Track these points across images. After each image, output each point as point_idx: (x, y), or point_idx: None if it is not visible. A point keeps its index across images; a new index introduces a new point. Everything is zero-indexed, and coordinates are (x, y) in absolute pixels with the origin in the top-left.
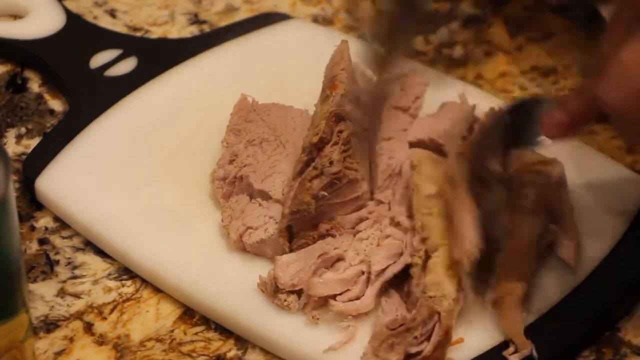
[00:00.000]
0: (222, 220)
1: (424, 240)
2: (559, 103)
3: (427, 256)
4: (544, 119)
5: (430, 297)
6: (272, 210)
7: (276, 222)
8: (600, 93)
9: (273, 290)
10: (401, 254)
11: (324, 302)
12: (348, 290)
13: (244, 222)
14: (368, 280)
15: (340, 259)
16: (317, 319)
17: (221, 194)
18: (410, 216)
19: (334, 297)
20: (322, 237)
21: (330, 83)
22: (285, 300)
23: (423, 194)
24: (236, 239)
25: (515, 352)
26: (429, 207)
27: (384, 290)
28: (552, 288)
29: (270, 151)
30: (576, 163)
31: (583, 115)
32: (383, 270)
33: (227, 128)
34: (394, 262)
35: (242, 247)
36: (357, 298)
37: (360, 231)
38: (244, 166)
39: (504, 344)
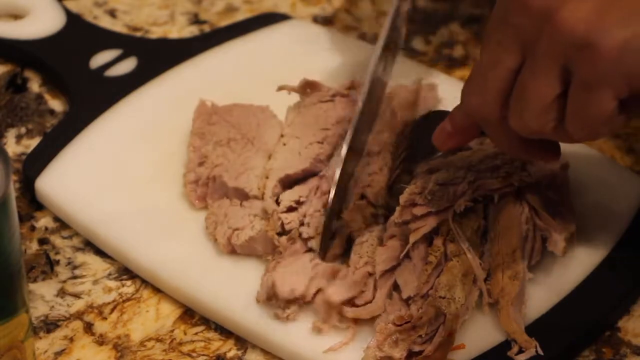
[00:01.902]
0: (207, 228)
1: (446, 242)
2: (449, 115)
3: (446, 257)
4: (436, 130)
5: (441, 297)
6: (254, 208)
7: (261, 219)
8: (464, 99)
9: (274, 303)
10: (405, 255)
11: (339, 310)
12: (362, 292)
13: (230, 225)
14: (375, 282)
15: (336, 270)
16: (322, 329)
17: (195, 196)
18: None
19: (350, 301)
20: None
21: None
22: (285, 313)
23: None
24: (225, 242)
25: (520, 351)
26: (459, 215)
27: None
28: (552, 288)
29: (239, 149)
30: (576, 163)
31: (465, 126)
32: (387, 271)
33: (190, 133)
34: (398, 264)
35: (232, 250)
36: (369, 301)
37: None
38: (215, 166)
39: (504, 345)
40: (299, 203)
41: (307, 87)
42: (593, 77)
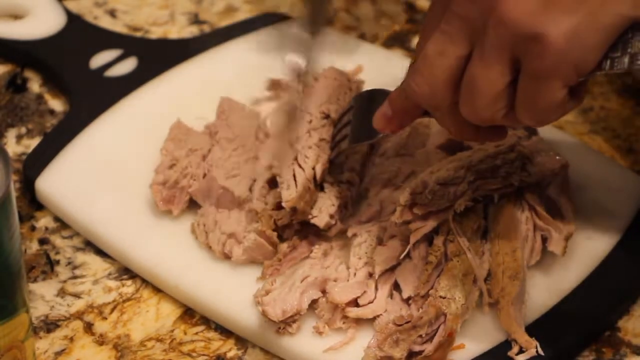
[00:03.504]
0: (197, 238)
1: (446, 242)
2: (388, 97)
3: (446, 257)
4: (376, 112)
5: (441, 297)
6: (242, 215)
7: (256, 222)
8: (410, 86)
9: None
10: (407, 254)
11: (343, 311)
12: (365, 292)
13: (223, 231)
14: (375, 281)
15: (327, 279)
16: (323, 331)
17: (160, 197)
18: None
19: (354, 301)
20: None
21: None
22: (285, 329)
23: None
24: (220, 249)
25: (520, 351)
26: (460, 214)
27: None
28: (552, 288)
29: (230, 150)
30: (576, 163)
31: (406, 109)
32: (387, 271)
33: (165, 140)
34: (398, 263)
35: (228, 256)
36: (372, 301)
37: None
38: (185, 173)
39: (504, 345)
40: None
41: (275, 88)
42: (542, 67)
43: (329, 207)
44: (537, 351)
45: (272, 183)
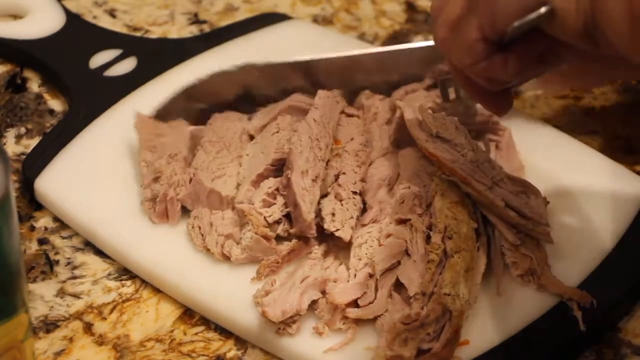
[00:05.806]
0: (192, 240)
1: (445, 239)
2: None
3: (446, 254)
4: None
5: (445, 294)
6: (236, 215)
7: (250, 224)
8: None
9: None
10: (404, 252)
11: (343, 312)
12: (365, 293)
13: (220, 233)
14: (376, 282)
15: (327, 280)
16: (323, 332)
17: (154, 214)
18: (420, 214)
19: (354, 302)
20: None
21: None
22: (284, 330)
23: (448, 200)
24: (219, 251)
25: (579, 309)
26: (455, 212)
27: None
28: None
29: (215, 153)
30: (576, 163)
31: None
32: (387, 270)
33: (140, 148)
34: (398, 262)
35: (227, 257)
36: (372, 302)
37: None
38: (171, 183)
39: (507, 343)
40: (270, 195)
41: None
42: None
43: (349, 220)
44: (593, 304)
45: (258, 183)
